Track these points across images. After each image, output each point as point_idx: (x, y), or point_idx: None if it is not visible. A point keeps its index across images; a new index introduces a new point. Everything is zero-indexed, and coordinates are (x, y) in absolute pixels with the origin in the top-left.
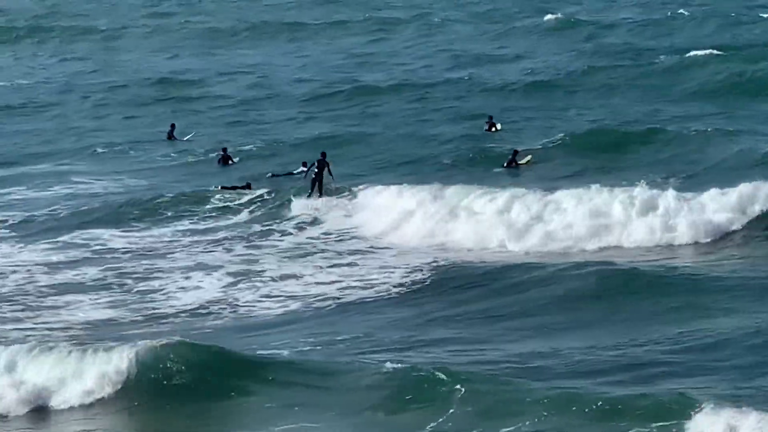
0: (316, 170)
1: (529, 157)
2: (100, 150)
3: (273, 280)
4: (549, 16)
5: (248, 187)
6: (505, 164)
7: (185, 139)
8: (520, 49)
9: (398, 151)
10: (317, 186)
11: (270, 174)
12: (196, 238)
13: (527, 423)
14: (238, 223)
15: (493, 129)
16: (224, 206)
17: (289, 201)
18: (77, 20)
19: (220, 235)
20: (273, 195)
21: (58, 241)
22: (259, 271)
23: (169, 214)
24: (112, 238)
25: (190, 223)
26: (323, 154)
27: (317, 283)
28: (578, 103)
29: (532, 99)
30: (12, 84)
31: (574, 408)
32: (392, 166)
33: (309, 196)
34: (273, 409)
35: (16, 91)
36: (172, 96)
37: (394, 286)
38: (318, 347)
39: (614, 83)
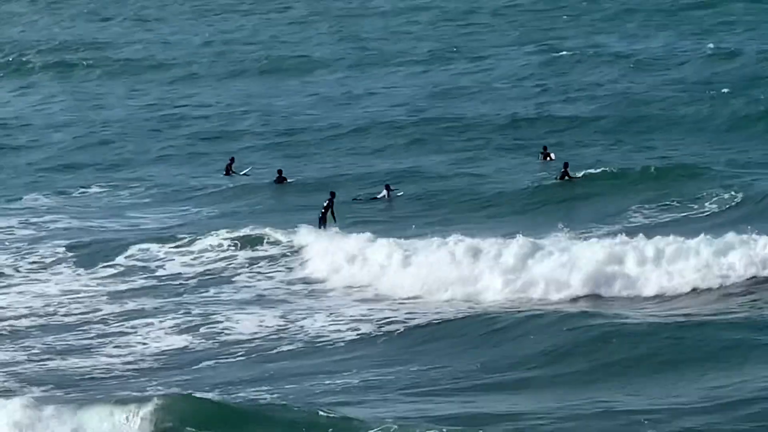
0: (323, 209)
1: (585, 171)
2: (152, 182)
3: (336, 304)
4: (591, 50)
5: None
6: (558, 177)
7: (242, 173)
8: (562, 81)
9: (455, 186)
10: (323, 224)
11: (354, 198)
12: (255, 257)
13: None
14: (294, 243)
15: (548, 158)
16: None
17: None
18: (131, 53)
19: (277, 253)
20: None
21: (116, 265)
22: (324, 295)
23: (228, 235)
24: (173, 261)
25: (251, 245)
26: (332, 194)
27: (383, 308)
28: (626, 136)
29: (577, 131)
30: (66, 118)
31: None
32: (453, 203)
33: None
34: None
35: (71, 123)
36: (225, 129)
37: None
38: (390, 375)
39: (662, 117)
